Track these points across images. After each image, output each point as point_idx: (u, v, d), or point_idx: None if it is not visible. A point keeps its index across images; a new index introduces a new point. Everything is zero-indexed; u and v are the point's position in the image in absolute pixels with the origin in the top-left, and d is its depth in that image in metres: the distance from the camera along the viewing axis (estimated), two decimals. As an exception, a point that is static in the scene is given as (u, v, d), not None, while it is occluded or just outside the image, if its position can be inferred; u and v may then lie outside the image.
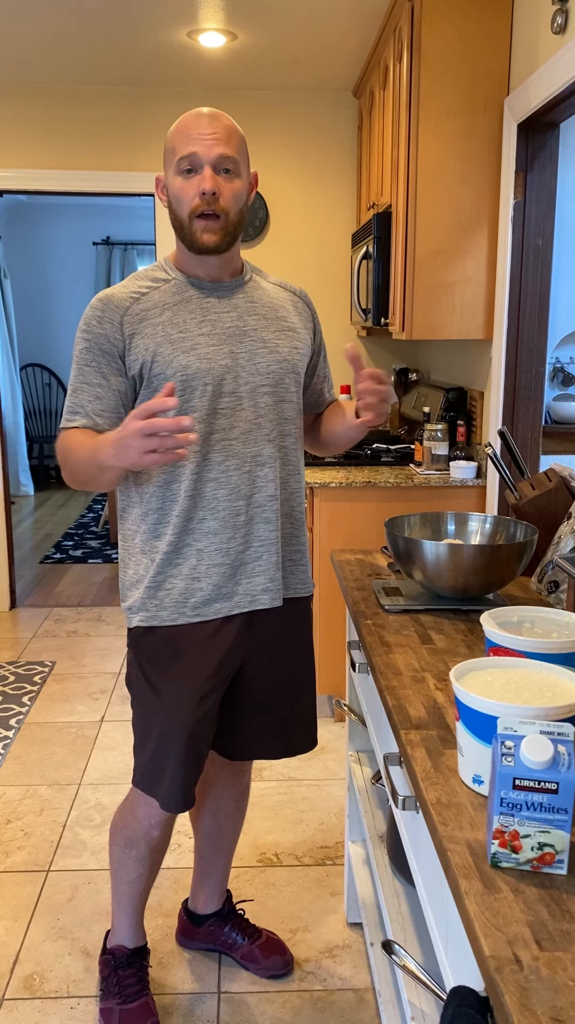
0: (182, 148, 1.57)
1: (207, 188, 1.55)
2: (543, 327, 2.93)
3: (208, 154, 1.55)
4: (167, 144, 1.61)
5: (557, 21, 2.38)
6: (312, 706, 1.88)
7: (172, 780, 1.68)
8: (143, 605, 1.68)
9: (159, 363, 1.59)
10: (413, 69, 2.91)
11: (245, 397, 1.64)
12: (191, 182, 1.57)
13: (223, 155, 1.56)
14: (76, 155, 4.33)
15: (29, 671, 3.77)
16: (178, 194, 1.59)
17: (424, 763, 1.10)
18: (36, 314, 8.23)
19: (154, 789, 1.72)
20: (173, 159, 1.59)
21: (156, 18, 3.34)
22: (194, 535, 1.65)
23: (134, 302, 1.62)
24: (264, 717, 1.81)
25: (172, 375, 1.59)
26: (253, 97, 4.30)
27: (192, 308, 1.64)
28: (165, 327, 1.61)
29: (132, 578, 1.71)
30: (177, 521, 1.64)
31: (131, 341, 1.60)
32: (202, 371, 1.60)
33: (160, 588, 1.66)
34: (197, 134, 1.56)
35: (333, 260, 4.48)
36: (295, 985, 2.01)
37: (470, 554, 1.56)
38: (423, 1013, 1.31)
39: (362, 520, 3.17)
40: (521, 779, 0.87)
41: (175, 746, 1.67)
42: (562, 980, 0.75)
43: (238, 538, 1.67)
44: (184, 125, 1.58)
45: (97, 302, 1.63)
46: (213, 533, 1.65)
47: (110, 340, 1.60)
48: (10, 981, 2.01)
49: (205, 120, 1.57)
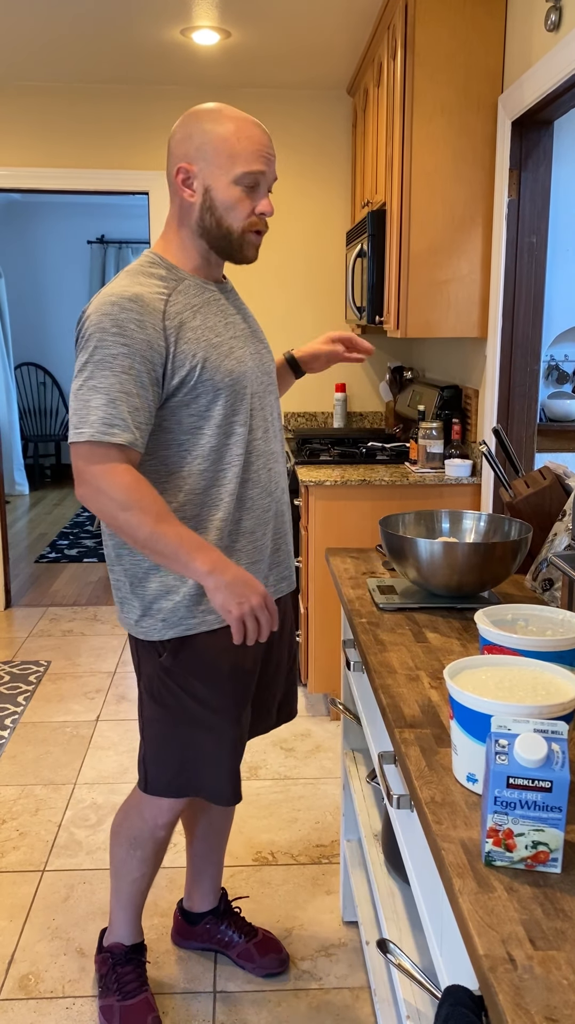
0: (250, 162, 1.53)
1: (268, 211, 1.58)
2: (537, 325, 2.93)
3: (272, 175, 1.58)
4: (218, 143, 1.53)
5: (551, 19, 2.38)
6: (297, 675, 1.93)
7: (228, 774, 1.71)
8: (188, 613, 1.61)
9: (208, 370, 1.54)
10: (407, 67, 2.91)
11: (263, 397, 1.68)
12: (251, 197, 1.56)
13: (276, 178, 1.61)
14: (70, 153, 4.32)
15: (24, 671, 3.76)
16: (234, 205, 1.55)
17: (418, 761, 1.10)
18: (31, 313, 8.22)
19: (195, 791, 1.73)
20: (232, 168, 1.53)
21: (150, 16, 3.33)
22: (235, 537, 1.64)
23: (166, 304, 1.54)
24: (263, 697, 1.83)
25: (221, 380, 1.56)
26: (247, 95, 4.29)
27: (215, 311, 1.62)
28: (204, 331, 1.57)
29: (158, 590, 1.61)
30: (222, 526, 1.61)
31: (176, 347, 1.52)
32: (243, 375, 1.61)
33: (205, 594, 1.60)
34: (266, 152, 1.55)
35: (327, 258, 4.48)
36: (291, 984, 2.01)
37: (465, 552, 1.56)
38: (418, 1012, 1.31)
39: (357, 519, 3.17)
40: (515, 777, 0.86)
41: (230, 740, 1.70)
42: (556, 979, 0.75)
43: (268, 533, 1.70)
44: (248, 134, 1.54)
45: (129, 303, 1.49)
46: (250, 532, 1.66)
47: (153, 347, 1.49)
48: (5, 981, 2.01)
49: (265, 135, 1.56)
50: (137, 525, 1.46)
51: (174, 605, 1.61)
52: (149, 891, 1.92)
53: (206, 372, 1.54)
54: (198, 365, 1.53)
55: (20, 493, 7.70)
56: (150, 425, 1.53)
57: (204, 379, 1.54)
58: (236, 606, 1.48)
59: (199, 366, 1.54)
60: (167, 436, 1.57)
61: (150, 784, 1.74)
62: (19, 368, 8.28)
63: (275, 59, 3.84)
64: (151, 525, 1.46)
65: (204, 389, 1.55)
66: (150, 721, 1.72)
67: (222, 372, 1.56)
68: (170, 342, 1.51)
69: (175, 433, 1.57)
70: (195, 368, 1.53)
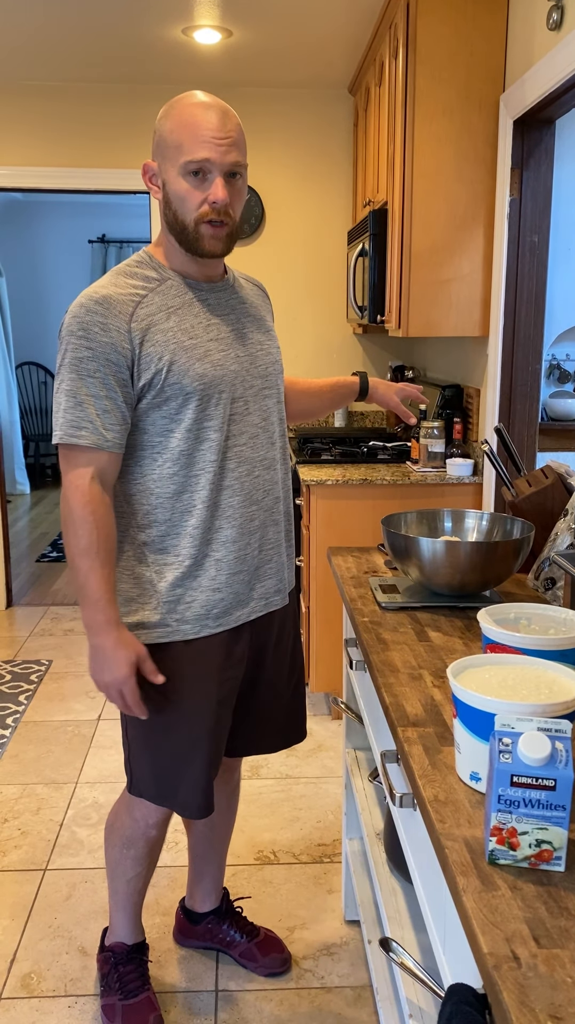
0: (192, 150, 1.46)
1: (220, 199, 1.48)
2: (539, 324, 2.93)
3: (222, 161, 1.47)
4: (167, 135, 1.49)
5: (553, 17, 2.38)
6: (303, 697, 1.88)
7: (196, 788, 1.66)
8: (161, 621, 1.61)
9: (175, 373, 1.51)
10: (409, 66, 2.90)
11: (251, 401, 1.62)
12: (199, 187, 1.48)
13: (236, 163, 1.48)
14: (72, 153, 4.32)
15: (26, 670, 3.76)
16: (183, 196, 1.49)
17: (421, 760, 1.10)
18: (32, 312, 8.21)
19: (166, 800, 1.70)
20: (178, 157, 1.47)
21: (151, 15, 3.33)
22: (212, 546, 1.60)
23: (136, 306, 1.51)
24: (264, 713, 1.81)
25: (190, 384, 1.52)
26: (248, 94, 4.29)
27: (196, 312, 1.57)
28: (175, 333, 1.53)
29: (129, 594, 1.61)
30: (196, 533, 1.58)
31: (141, 349, 1.50)
32: (218, 379, 1.55)
33: (179, 602, 1.60)
34: (210, 137, 1.45)
35: (329, 257, 4.48)
36: (293, 983, 2.01)
37: (467, 551, 1.56)
38: (421, 1011, 1.31)
39: (359, 518, 3.17)
40: (519, 776, 0.86)
41: (197, 755, 1.65)
42: (560, 977, 0.75)
43: (253, 544, 1.64)
44: (192, 120, 1.46)
45: (95, 305, 1.49)
46: (231, 542, 1.61)
47: (118, 350, 1.49)
48: (7, 980, 2.01)
49: (215, 118, 1.46)
50: (73, 541, 1.52)
51: (147, 612, 1.61)
52: (148, 890, 1.92)
53: (172, 375, 1.51)
54: (164, 368, 1.51)
55: (21, 492, 7.70)
56: (126, 425, 1.54)
57: (171, 382, 1.52)
58: (96, 674, 1.57)
59: (165, 368, 1.51)
60: (143, 437, 1.57)
61: (134, 785, 1.73)
62: (20, 367, 8.28)
63: (276, 58, 3.84)
64: (83, 547, 1.51)
65: (173, 392, 1.52)
66: (129, 723, 1.71)
67: (191, 375, 1.52)
68: (135, 344, 1.50)
69: (150, 435, 1.56)
70: (161, 371, 1.51)
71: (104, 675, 1.56)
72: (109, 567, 1.53)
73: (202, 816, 1.68)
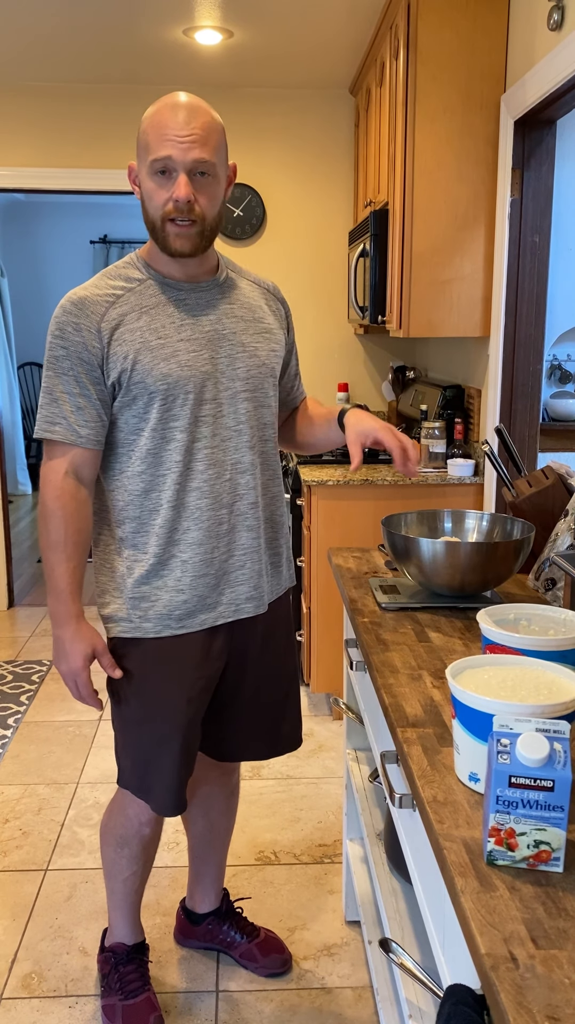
0: (156, 148, 1.47)
1: (181, 196, 1.47)
2: (540, 324, 2.92)
3: (183, 159, 1.46)
4: (140, 135, 1.52)
5: (553, 18, 2.38)
6: (297, 703, 1.87)
7: (164, 786, 1.68)
8: (126, 616, 1.63)
9: (139, 372, 1.53)
10: (410, 66, 2.91)
11: (226, 404, 1.60)
12: (164, 186, 1.49)
13: (199, 159, 1.47)
14: (73, 153, 4.32)
15: (27, 670, 3.77)
16: (150, 195, 1.51)
17: (421, 761, 1.10)
18: (33, 313, 8.22)
19: (144, 794, 1.71)
20: (146, 156, 1.49)
21: (152, 16, 3.33)
22: (179, 546, 1.60)
23: (110, 306, 1.54)
24: (252, 717, 1.80)
25: (153, 384, 1.53)
26: (249, 95, 4.30)
27: (170, 312, 1.57)
28: (143, 333, 1.54)
29: (106, 586, 1.65)
30: (161, 532, 1.59)
31: (109, 348, 1.53)
32: (183, 379, 1.55)
33: (144, 600, 1.62)
34: (173, 134, 1.46)
35: (330, 258, 4.48)
36: (293, 983, 2.01)
37: (467, 552, 1.56)
38: (420, 1011, 1.31)
39: (359, 518, 3.17)
40: (517, 777, 0.86)
41: (166, 753, 1.66)
42: (558, 978, 0.75)
43: (221, 548, 1.63)
44: (159, 119, 1.48)
45: (71, 306, 1.54)
46: (197, 544, 1.61)
47: (88, 349, 1.53)
48: (8, 980, 2.01)
49: (182, 116, 1.47)
50: (43, 533, 1.60)
51: (117, 605, 1.64)
52: (148, 890, 1.93)
53: (136, 374, 1.53)
54: (129, 367, 1.53)
55: (23, 493, 7.71)
56: (102, 421, 1.58)
57: (135, 381, 1.54)
58: (56, 663, 1.66)
59: (130, 368, 1.53)
60: (119, 435, 1.60)
61: (120, 776, 1.75)
62: (22, 368, 8.28)
63: (277, 59, 3.84)
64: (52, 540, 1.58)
65: (138, 391, 1.55)
66: (113, 716, 1.74)
67: (155, 375, 1.53)
68: (104, 343, 1.54)
69: (124, 432, 1.59)
70: (126, 370, 1.53)
71: (61, 665, 1.64)
72: (76, 561, 1.60)
73: (171, 815, 1.70)
